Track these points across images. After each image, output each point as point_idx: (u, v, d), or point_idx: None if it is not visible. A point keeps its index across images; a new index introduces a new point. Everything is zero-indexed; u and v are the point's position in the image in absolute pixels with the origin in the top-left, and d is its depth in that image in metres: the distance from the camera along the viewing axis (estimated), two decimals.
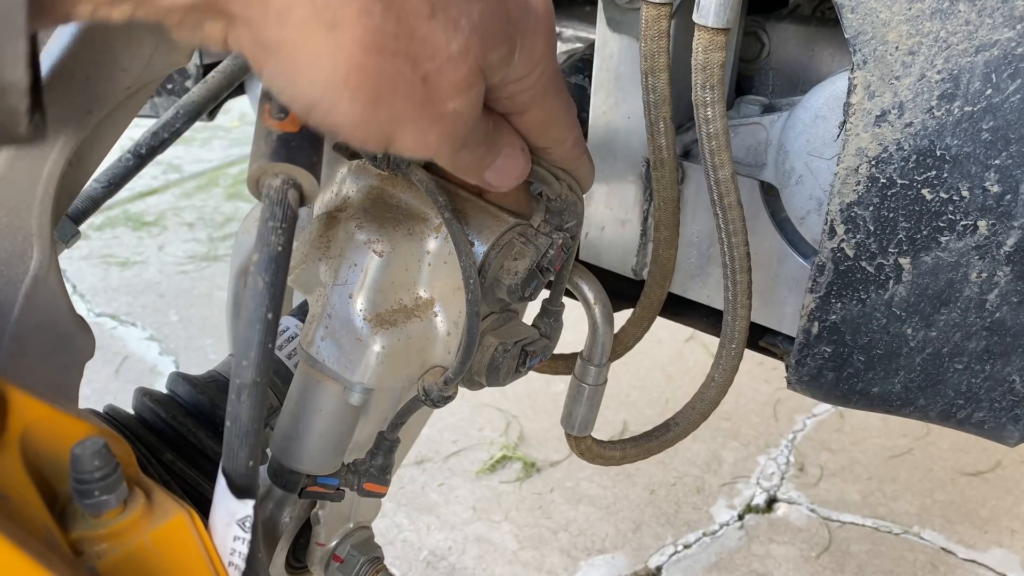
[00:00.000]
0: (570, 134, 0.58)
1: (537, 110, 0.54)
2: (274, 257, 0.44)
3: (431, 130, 0.46)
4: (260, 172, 0.45)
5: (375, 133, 0.45)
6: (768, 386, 2.41)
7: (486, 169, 0.55)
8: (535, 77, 0.51)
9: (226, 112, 3.73)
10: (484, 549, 1.93)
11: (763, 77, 0.80)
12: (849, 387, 0.72)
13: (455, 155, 0.52)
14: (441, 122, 0.46)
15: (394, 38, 0.42)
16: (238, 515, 0.45)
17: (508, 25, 0.47)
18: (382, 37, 0.42)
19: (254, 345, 0.43)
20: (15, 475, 0.43)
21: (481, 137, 0.53)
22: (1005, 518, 2.04)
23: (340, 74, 0.42)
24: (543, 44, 0.51)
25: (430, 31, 0.43)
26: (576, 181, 0.64)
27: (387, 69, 0.43)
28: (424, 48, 0.43)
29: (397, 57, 0.42)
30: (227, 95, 1.00)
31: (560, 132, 0.57)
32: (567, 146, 0.59)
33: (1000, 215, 0.60)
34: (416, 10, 0.42)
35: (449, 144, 0.48)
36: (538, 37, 0.50)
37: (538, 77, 0.52)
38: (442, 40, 0.44)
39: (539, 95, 0.53)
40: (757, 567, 1.90)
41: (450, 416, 2.27)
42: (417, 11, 0.42)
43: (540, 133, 0.56)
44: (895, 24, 0.59)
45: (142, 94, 0.61)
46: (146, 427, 0.80)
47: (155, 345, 2.61)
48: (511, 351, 0.67)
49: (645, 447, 0.84)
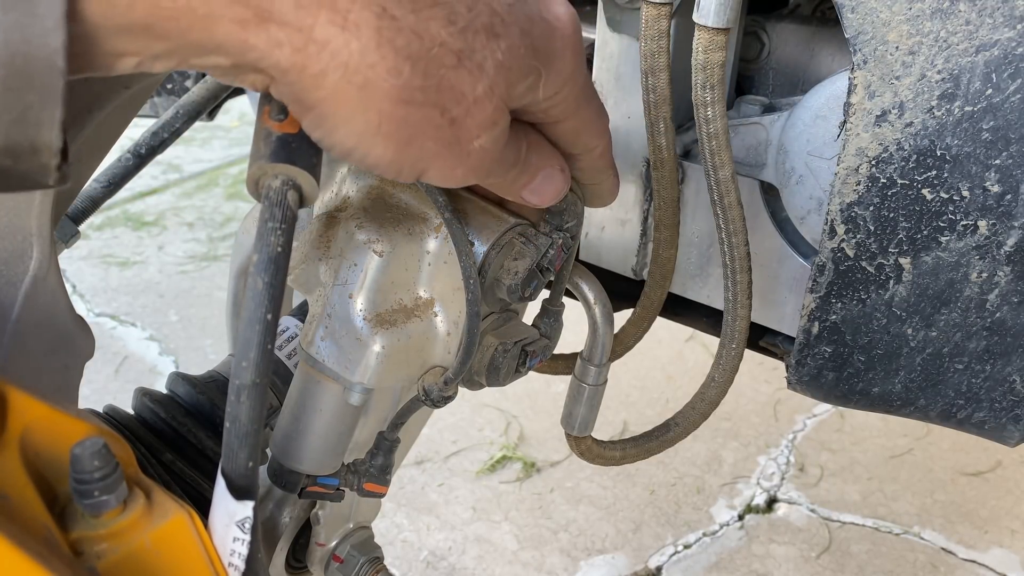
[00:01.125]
0: (600, 141, 0.59)
1: (570, 120, 0.55)
2: (273, 258, 0.44)
3: (459, 166, 0.49)
4: (260, 173, 0.45)
5: (408, 169, 0.48)
6: (768, 386, 2.41)
7: (522, 189, 0.57)
8: (565, 93, 0.52)
9: (226, 112, 3.72)
10: (484, 549, 1.93)
11: (763, 77, 0.80)
12: (849, 387, 0.72)
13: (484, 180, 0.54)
14: (468, 158, 0.49)
15: (422, 91, 0.44)
16: (237, 516, 0.45)
17: (533, 55, 0.49)
18: (410, 92, 0.44)
19: (253, 346, 0.43)
20: (15, 475, 0.42)
21: (511, 163, 0.54)
22: (1005, 518, 2.04)
23: (372, 126, 0.44)
24: (571, 62, 0.51)
25: (457, 79, 0.45)
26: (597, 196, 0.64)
27: (416, 118, 0.45)
28: (451, 95, 0.46)
29: (425, 107, 0.45)
30: (227, 95, 1.00)
31: (591, 139, 0.58)
32: (596, 154, 0.59)
33: (1000, 215, 0.60)
34: (443, 62, 0.45)
35: (475, 176, 0.51)
36: (565, 57, 0.51)
37: (569, 91, 0.53)
38: (468, 86, 0.46)
39: (571, 107, 0.54)
40: (757, 567, 1.90)
41: (450, 416, 2.27)
42: (444, 63, 0.45)
43: (572, 140, 0.57)
44: (895, 24, 0.58)
45: (142, 94, 0.61)
46: (146, 427, 0.80)
47: (155, 345, 2.61)
48: (511, 351, 0.67)
49: (645, 447, 0.84)
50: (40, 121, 0.38)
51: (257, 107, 0.49)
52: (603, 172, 0.61)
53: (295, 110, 0.45)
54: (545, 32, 0.50)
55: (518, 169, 0.55)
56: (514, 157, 0.54)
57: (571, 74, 0.52)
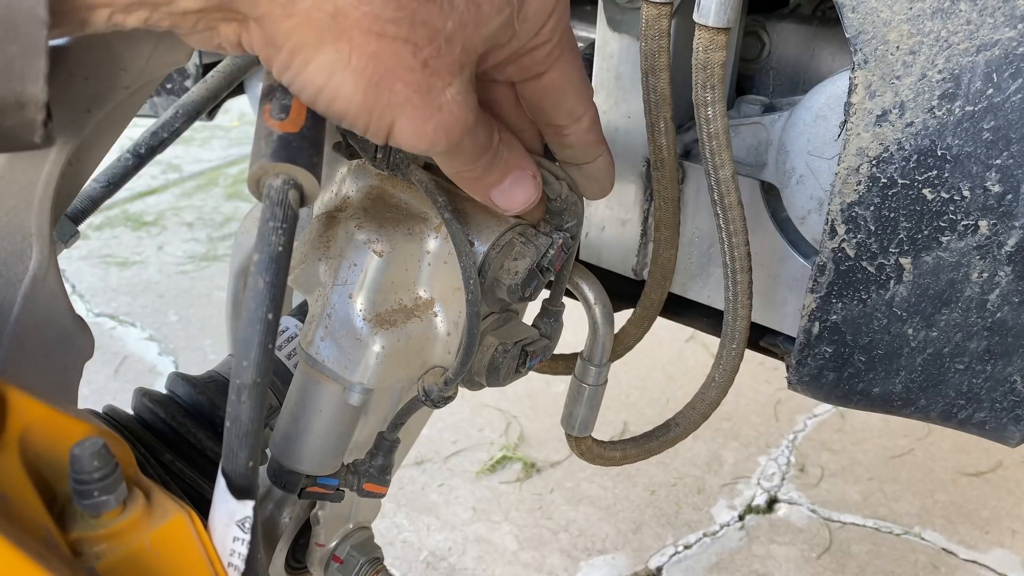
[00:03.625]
0: (588, 109, 0.57)
1: (554, 71, 0.53)
2: (275, 257, 0.44)
3: (429, 119, 0.47)
4: (261, 172, 0.45)
5: (376, 120, 0.46)
6: (769, 386, 2.41)
7: (492, 187, 0.55)
8: (550, 28, 0.51)
9: (225, 112, 3.73)
10: (484, 550, 1.93)
11: (764, 77, 0.80)
12: (850, 387, 0.72)
13: (453, 158, 0.52)
14: (439, 112, 0.47)
15: (394, 23, 0.43)
16: (238, 516, 0.45)
17: None
18: (381, 23, 0.43)
19: (254, 345, 0.43)
20: (14, 475, 0.42)
21: (482, 145, 0.52)
22: (1006, 519, 2.03)
23: (343, 57, 0.43)
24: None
25: (428, 14, 0.44)
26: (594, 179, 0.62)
27: (387, 53, 0.44)
28: (423, 31, 0.44)
29: (397, 41, 0.44)
30: (226, 95, 1.00)
31: (577, 104, 0.56)
32: (584, 125, 0.57)
33: (1001, 215, 0.60)
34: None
35: (446, 137, 0.49)
36: None
37: (553, 27, 0.51)
38: (439, 20, 0.45)
39: (556, 51, 0.52)
40: (758, 568, 1.90)
41: (450, 416, 2.27)
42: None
43: (558, 100, 0.55)
44: (896, 23, 0.58)
45: (141, 93, 0.61)
46: (145, 427, 0.80)
47: (154, 345, 2.61)
48: (511, 351, 0.67)
49: (645, 447, 0.83)
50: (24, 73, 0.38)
51: (258, 107, 0.49)
52: (594, 147, 0.60)
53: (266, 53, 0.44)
54: None
55: (488, 157, 0.53)
56: (486, 140, 0.52)
57: (553, 7, 0.50)
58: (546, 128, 0.58)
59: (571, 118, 0.57)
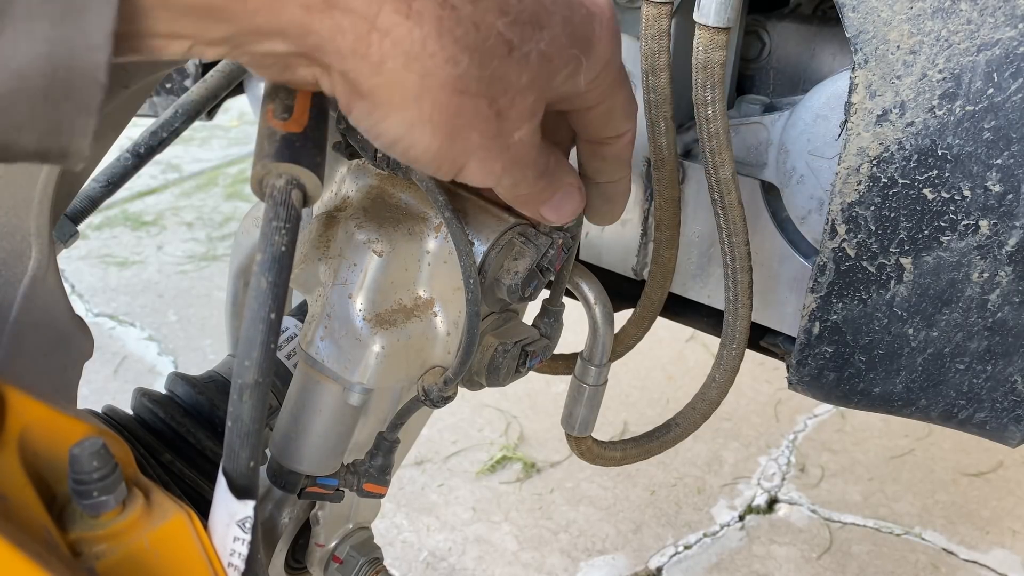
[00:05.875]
0: (631, 125, 0.59)
1: (604, 105, 0.55)
2: (277, 257, 0.44)
3: (498, 160, 0.49)
4: (263, 172, 0.45)
5: (449, 164, 0.48)
6: (769, 386, 2.41)
7: (543, 204, 0.57)
8: (603, 76, 0.52)
9: (225, 111, 3.73)
10: (484, 550, 1.93)
11: (764, 76, 0.80)
12: (850, 387, 0.72)
13: (516, 186, 0.54)
14: (507, 152, 0.49)
15: (476, 81, 0.45)
16: (238, 516, 0.45)
17: (574, 44, 0.49)
18: (466, 81, 0.44)
19: (257, 345, 0.43)
20: (13, 476, 0.42)
21: (542, 170, 0.54)
22: (1007, 519, 2.03)
23: (424, 115, 0.45)
24: (609, 46, 0.52)
25: (506, 70, 0.46)
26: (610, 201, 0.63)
27: (467, 108, 0.45)
28: (500, 86, 0.46)
29: (477, 97, 0.45)
30: (226, 94, 1.00)
31: (622, 123, 0.58)
32: (624, 141, 0.59)
33: (1002, 215, 0.60)
34: (496, 52, 0.45)
35: (512, 174, 0.51)
36: (603, 41, 0.51)
37: (605, 75, 0.53)
38: (515, 76, 0.46)
39: (607, 91, 0.54)
40: (758, 568, 1.90)
41: (450, 416, 2.27)
42: (497, 53, 0.45)
43: (604, 124, 0.57)
44: (896, 23, 0.58)
45: (141, 93, 0.61)
46: (145, 427, 0.80)
47: (154, 345, 2.61)
48: (511, 351, 0.67)
49: (646, 447, 0.83)
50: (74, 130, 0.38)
51: (260, 107, 0.48)
52: (623, 166, 0.61)
53: (346, 100, 0.45)
54: (585, 19, 0.50)
55: (546, 180, 0.55)
56: (544, 164, 0.54)
57: (609, 58, 0.52)
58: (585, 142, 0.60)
59: (615, 133, 0.58)
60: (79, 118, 0.37)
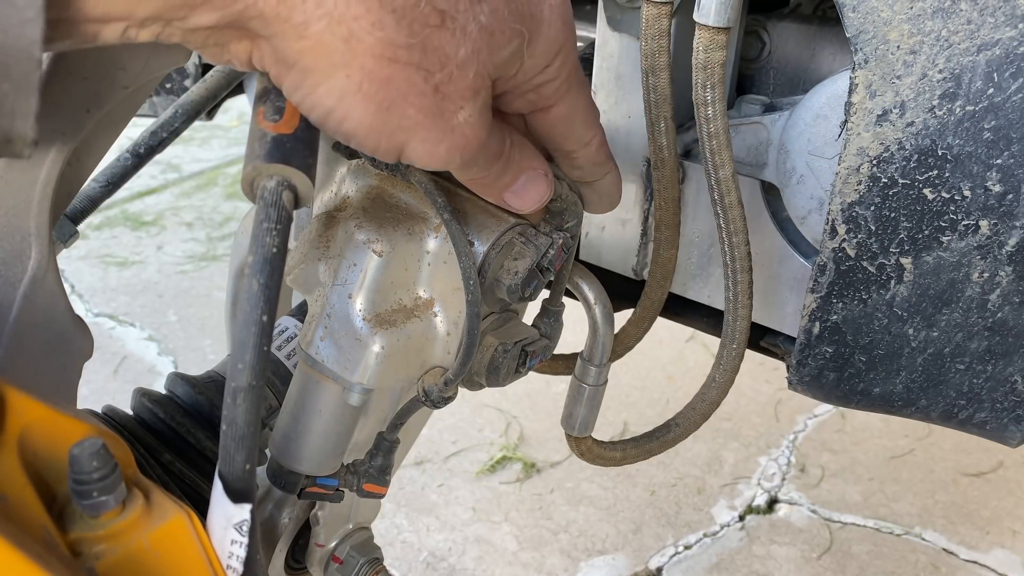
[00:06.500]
0: (595, 134, 0.58)
1: (562, 105, 0.54)
2: (269, 259, 0.44)
3: (442, 141, 0.47)
4: (254, 174, 0.45)
5: (387, 141, 0.46)
6: (769, 386, 2.41)
7: (505, 189, 0.56)
8: (557, 65, 0.51)
9: (225, 111, 3.72)
10: (484, 550, 1.93)
11: (764, 76, 0.80)
12: (850, 387, 0.72)
13: (467, 169, 0.53)
14: (452, 134, 0.47)
15: (406, 49, 0.44)
16: (235, 519, 0.45)
17: (517, 19, 0.48)
18: (394, 48, 0.43)
19: (249, 348, 0.43)
20: (13, 476, 0.42)
21: (494, 153, 0.53)
22: (1007, 519, 2.03)
23: (354, 83, 0.44)
24: (560, 31, 0.50)
25: (440, 40, 0.45)
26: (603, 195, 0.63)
27: (399, 78, 0.44)
28: (435, 58, 0.45)
29: (409, 67, 0.44)
30: (226, 94, 1.00)
31: (585, 130, 0.57)
32: (592, 148, 0.58)
33: (1002, 215, 0.60)
34: (427, 20, 0.44)
35: (460, 156, 0.49)
36: (554, 24, 0.50)
37: (560, 65, 0.52)
38: (451, 48, 0.45)
39: (563, 86, 0.53)
40: (758, 568, 1.90)
41: (450, 416, 2.27)
42: (428, 21, 0.44)
43: (566, 130, 0.56)
44: (896, 23, 0.58)
45: (140, 93, 0.61)
46: (145, 428, 0.80)
47: (154, 345, 2.61)
48: (511, 351, 0.67)
49: (646, 448, 0.83)
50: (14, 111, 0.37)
51: (252, 109, 0.48)
52: (602, 165, 0.61)
53: (276, 72, 0.44)
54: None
55: (502, 163, 0.54)
56: (498, 147, 0.53)
57: (562, 44, 0.51)
58: (555, 152, 0.59)
59: (579, 143, 0.58)
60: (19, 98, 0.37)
